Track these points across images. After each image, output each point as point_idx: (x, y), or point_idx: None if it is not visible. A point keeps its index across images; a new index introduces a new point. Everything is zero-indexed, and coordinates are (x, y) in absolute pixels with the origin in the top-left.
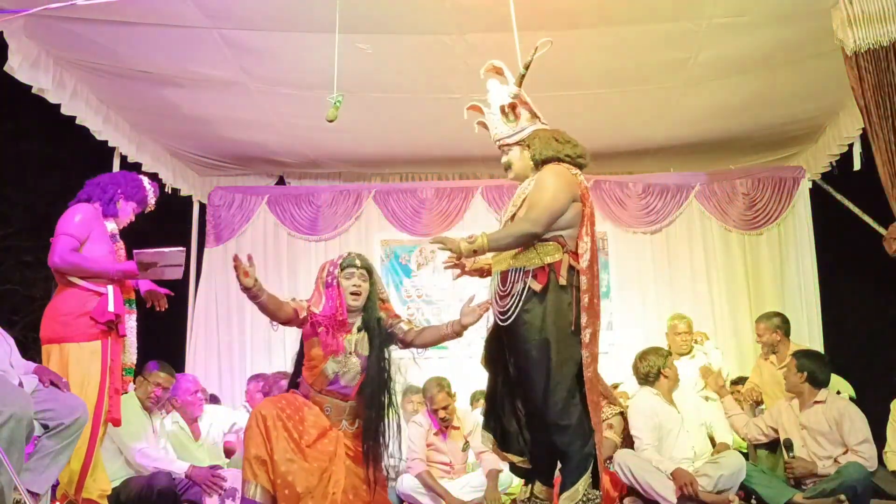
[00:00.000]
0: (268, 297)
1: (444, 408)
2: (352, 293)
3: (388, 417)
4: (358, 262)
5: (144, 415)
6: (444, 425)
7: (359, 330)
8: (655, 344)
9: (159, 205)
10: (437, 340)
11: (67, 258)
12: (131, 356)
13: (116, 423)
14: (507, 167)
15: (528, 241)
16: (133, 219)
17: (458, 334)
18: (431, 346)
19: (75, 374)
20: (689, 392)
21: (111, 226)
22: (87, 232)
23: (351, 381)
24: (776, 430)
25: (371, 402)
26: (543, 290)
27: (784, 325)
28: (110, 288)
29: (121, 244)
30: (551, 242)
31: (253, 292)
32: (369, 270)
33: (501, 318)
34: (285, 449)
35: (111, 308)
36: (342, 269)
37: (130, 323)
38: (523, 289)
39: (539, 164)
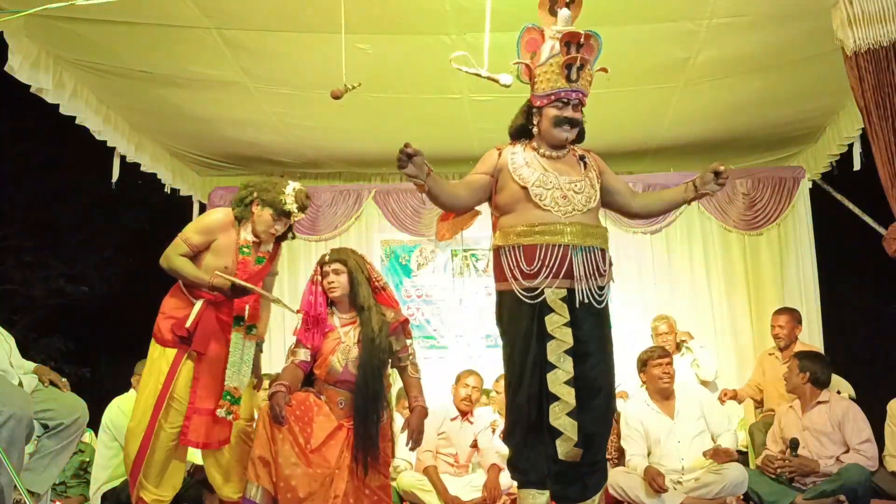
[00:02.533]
0: (293, 383)
1: (475, 387)
2: (329, 289)
3: (381, 406)
4: (327, 258)
5: None
6: (464, 408)
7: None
8: (652, 344)
9: (159, 205)
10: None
11: (170, 261)
12: (236, 379)
13: (194, 444)
14: (579, 124)
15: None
16: (276, 230)
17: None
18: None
19: (145, 374)
20: (690, 393)
21: (247, 235)
22: (208, 240)
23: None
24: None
25: (360, 383)
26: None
27: (800, 323)
28: (199, 303)
29: (251, 258)
30: None
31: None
32: (343, 262)
33: (598, 298)
34: (289, 453)
35: (188, 324)
36: (321, 269)
37: (237, 342)
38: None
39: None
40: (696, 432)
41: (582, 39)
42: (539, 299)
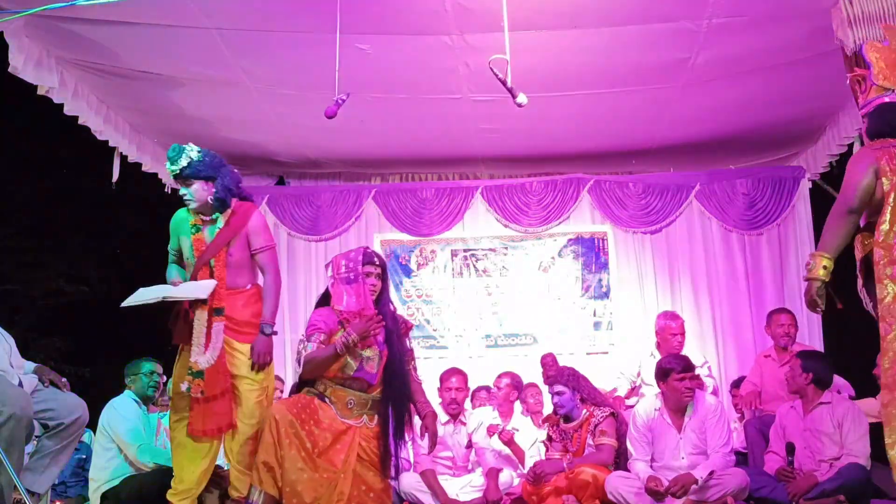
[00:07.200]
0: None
1: (458, 388)
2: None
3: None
4: (376, 261)
5: (141, 412)
6: (452, 411)
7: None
8: (653, 345)
9: (159, 205)
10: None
11: None
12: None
13: (198, 433)
14: None
15: None
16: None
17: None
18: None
19: None
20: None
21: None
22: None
23: (375, 367)
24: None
25: (396, 394)
26: None
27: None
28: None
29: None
30: None
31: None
32: (382, 267)
33: None
34: (296, 458)
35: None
36: (363, 266)
37: (199, 318)
38: None
39: None
40: (701, 449)
41: None
42: None
